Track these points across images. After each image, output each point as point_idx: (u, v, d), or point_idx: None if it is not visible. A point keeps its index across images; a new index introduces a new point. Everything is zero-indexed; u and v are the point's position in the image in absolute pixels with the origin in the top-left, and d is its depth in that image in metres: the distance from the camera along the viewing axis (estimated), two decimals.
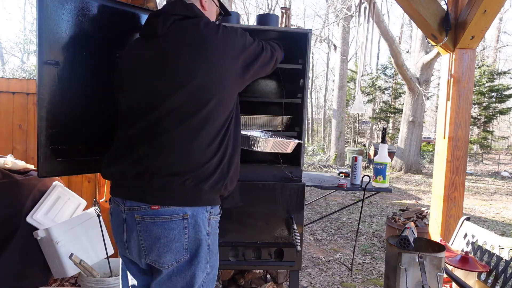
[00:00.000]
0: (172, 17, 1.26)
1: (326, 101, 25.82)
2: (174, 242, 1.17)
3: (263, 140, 1.69)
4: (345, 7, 12.36)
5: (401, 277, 1.78)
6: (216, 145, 1.23)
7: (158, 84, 1.21)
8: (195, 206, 1.20)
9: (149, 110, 1.21)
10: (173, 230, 1.17)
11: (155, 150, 1.19)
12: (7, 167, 2.34)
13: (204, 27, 1.24)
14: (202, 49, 1.20)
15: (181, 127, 1.19)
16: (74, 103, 1.51)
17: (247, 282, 2.59)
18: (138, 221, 1.18)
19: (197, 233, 1.20)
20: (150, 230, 1.18)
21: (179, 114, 1.19)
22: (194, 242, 1.20)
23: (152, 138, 1.20)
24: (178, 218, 1.17)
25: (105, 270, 2.41)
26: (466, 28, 2.47)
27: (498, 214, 6.63)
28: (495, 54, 23.26)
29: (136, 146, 1.22)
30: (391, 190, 2.55)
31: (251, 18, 21.37)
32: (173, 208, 1.17)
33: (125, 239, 1.24)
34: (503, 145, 24.19)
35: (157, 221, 1.17)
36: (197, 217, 1.20)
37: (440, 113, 2.75)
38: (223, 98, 1.24)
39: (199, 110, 1.19)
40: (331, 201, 7.07)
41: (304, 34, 2.14)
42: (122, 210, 1.23)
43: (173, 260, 1.18)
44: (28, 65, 17.37)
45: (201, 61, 1.19)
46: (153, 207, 1.17)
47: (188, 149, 1.18)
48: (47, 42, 1.39)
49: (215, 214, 1.28)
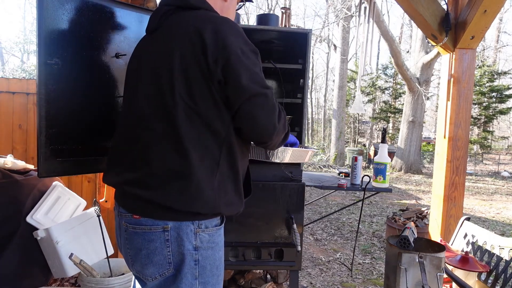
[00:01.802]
0: (163, 9, 1.15)
1: (326, 101, 25.82)
2: (155, 255, 1.08)
3: (281, 150, 1.60)
4: (345, 7, 12.36)
5: (401, 277, 1.78)
6: (196, 158, 1.05)
7: (137, 85, 1.15)
8: (177, 221, 1.07)
9: (128, 114, 1.16)
10: (153, 241, 1.08)
11: (133, 160, 1.12)
12: (7, 167, 2.34)
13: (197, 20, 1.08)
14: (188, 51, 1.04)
15: (153, 135, 1.07)
16: (74, 103, 1.51)
17: (247, 282, 2.59)
18: (125, 228, 1.13)
19: (180, 247, 1.08)
20: (133, 240, 1.11)
21: (151, 119, 1.08)
22: (177, 256, 1.08)
23: (131, 145, 1.13)
24: (158, 229, 1.07)
25: (105, 270, 2.41)
26: (466, 28, 2.47)
27: (498, 214, 6.63)
28: (495, 54, 23.26)
29: (121, 154, 1.17)
30: (391, 190, 2.55)
31: (251, 18, 21.38)
32: (152, 219, 1.08)
33: (120, 243, 1.21)
34: (503, 145, 24.20)
35: (138, 231, 1.10)
36: (179, 229, 1.07)
37: (440, 113, 2.75)
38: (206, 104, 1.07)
39: (169, 116, 1.05)
40: (331, 201, 7.06)
41: (304, 34, 2.14)
42: (117, 214, 1.19)
43: (156, 273, 1.10)
44: (28, 65, 17.38)
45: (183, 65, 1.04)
46: (134, 216, 1.10)
47: (159, 160, 1.06)
48: (47, 42, 1.39)
49: (207, 226, 1.11)
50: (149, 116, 1.08)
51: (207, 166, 1.07)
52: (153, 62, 1.11)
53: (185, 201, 1.05)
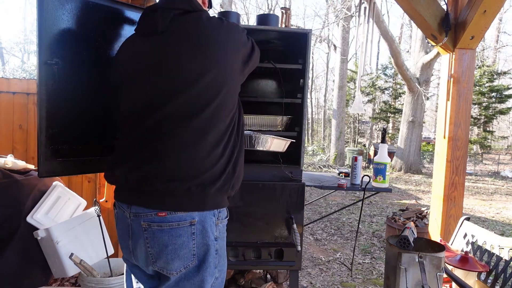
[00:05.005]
0: (171, 12, 1.19)
1: (326, 101, 25.82)
2: (182, 249, 1.14)
3: (264, 139, 1.72)
4: (345, 7, 12.35)
5: (401, 277, 1.78)
6: (221, 147, 1.18)
7: (160, 85, 1.16)
8: (203, 211, 1.16)
9: (149, 112, 1.16)
10: (180, 236, 1.14)
11: (157, 154, 1.14)
12: (7, 167, 2.34)
13: (208, 22, 1.19)
14: (205, 46, 1.15)
15: (184, 130, 1.14)
16: (75, 103, 1.51)
17: (247, 282, 2.59)
18: (145, 228, 1.14)
19: (204, 239, 1.17)
20: (157, 237, 1.14)
21: (181, 116, 1.14)
22: (202, 247, 1.17)
23: (153, 141, 1.15)
24: (185, 224, 1.14)
25: (105, 270, 2.41)
26: (466, 28, 2.47)
27: (498, 214, 6.64)
28: (495, 54, 23.26)
29: (138, 150, 1.18)
30: (391, 190, 2.55)
31: (251, 18, 21.39)
32: (180, 214, 1.13)
33: (131, 245, 1.20)
34: (503, 145, 24.20)
35: (165, 228, 1.13)
36: (204, 222, 1.17)
37: (440, 113, 2.75)
38: (226, 97, 1.19)
39: (202, 111, 1.14)
40: (331, 201, 7.07)
41: (304, 34, 2.14)
42: (127, 216, 1.18)
43: (181, 266, 1.16)
44: (28, 65, 17.39)
45: (205, 60, 1.14)
46: (159, 213, 1.13)
47: (191, 153, 1.14)
48: (47, 42, 1.39)
49: (222, 218, 1.24)
50: (179, 114, 1.15)
51: (230, 151, 1.21)
52: (172, 62, 1.16)
53: (214, 184, 1.16)
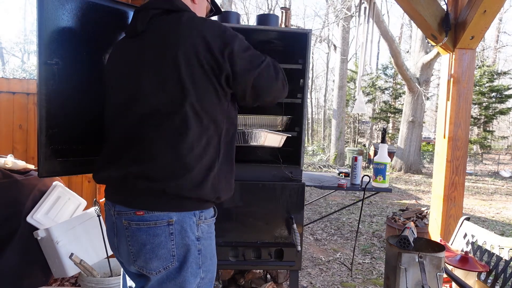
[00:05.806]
0: (151, 12, 1.19)
1: (326, 101, 25.82)
2: (160, 249, 1.13)
3: (257, 133, 1.73)
4: (345, 7, 12.36)
5: (401, 277, 1.78)
6: (201, 149, 1.14)
7: (136, 86, 1.16)
8: (180, 212, 1.14)
9: (129, 113, 1.17)
10: (158, 236, 1.12)
11: (137, 155, 1.15)
12: (7, 167, 2.34)
13: (187, 22, 1.14)
14: (182, 46, 1.11)
15: (160, 131, 1.12)
16: (75, 103, 1.50)
17: (247, 282, 2.59)
18: (126, 226, 1.15)
19: (184, 239, 1.14)
20: (136, 236, 1.14)
21: (157, 116, 1.13)
22: (182, 248, 1.14)
23: (134, 142, 1.16)
24: (163, 224, 1.12)
25: (105, 270, 2.41)
26: (466, 28, 2.47)
27: (498, 214, 6.64)
28: (495, 54, 23.27)
29: (121, 150, 1.19)
30: (391, 190, 2.55)
31: (251, 18, 21.39)
32: (157, 214, 1.12)
33: (116, 243, 1.22)
34: (503, 145, 24.21)
35: (142, 227, 1.13)
36: (183, 222, 1.14)
37: (440, 113, 2.75)
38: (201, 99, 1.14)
39: (177, 112, 1.11)
40: (331, 201, 7.07)
41: (304, 34, 2.14)
42: (112, 214, 1.20)
43: (161, 266, 1.14)
44: (28, 65, 17.40)
45: (180, 60, 1.10)
46: (137, 212, 1.13)
47: (169, 154, 1.12)
48: (47, 42, 1.39)
49: (206, 217, 1.20)
50: (154, 114, 1.13)
51: (210, 157, 1.17)
52: (154, 63, 1.14)
53: (193, 190, 1.13)
